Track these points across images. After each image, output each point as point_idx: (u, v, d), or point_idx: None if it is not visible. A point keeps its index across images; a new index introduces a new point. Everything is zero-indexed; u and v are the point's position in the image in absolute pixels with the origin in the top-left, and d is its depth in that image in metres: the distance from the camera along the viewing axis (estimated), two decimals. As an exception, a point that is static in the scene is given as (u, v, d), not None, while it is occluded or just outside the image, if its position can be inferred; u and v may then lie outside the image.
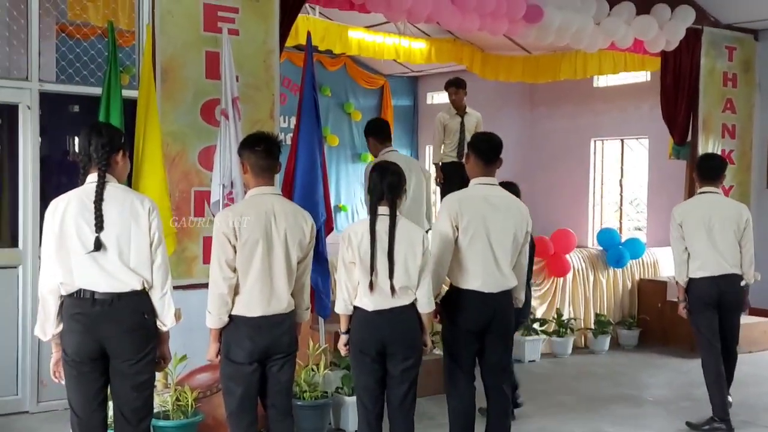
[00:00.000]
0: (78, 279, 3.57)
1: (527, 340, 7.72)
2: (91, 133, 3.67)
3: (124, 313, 3.59)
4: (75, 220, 3.56)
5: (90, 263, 3.56)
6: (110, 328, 3.57)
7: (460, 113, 8.34)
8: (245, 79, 6.17)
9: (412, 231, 4.22)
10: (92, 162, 3.64)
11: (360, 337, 4.18)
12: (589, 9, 8.13)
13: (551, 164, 12.10)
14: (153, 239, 3.66)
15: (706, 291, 5.64)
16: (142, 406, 3.72)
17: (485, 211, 4.49)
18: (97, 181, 3.60)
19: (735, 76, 9.66)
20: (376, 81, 13.77)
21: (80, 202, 3.59)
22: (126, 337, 3.59)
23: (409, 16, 7.29)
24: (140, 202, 3.67)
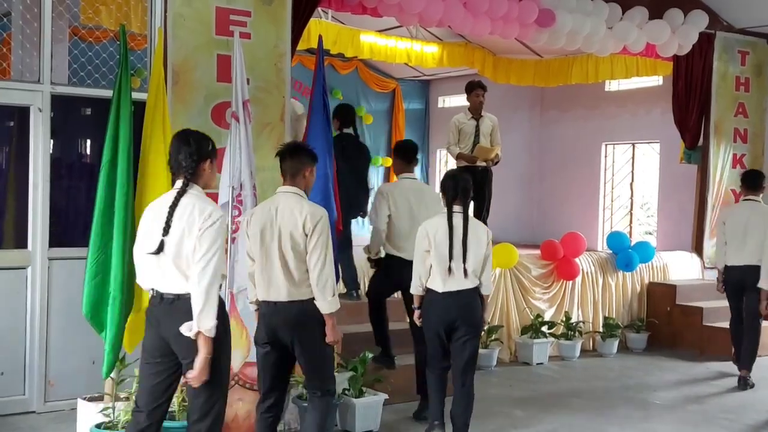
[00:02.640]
0: (146, 279, 3.83)
1: (535, 342, 7.73)
2: (180, 142, 3.84)
3: (180, 313, 3.66)
4: (150, 223, 3.80)
5: (154, 264, 3.75)
6: (170, 327, 3.70)
7: (476, 116, 8.31)
8: (256, 82, 6.22)
9: (479, 226, 5.20)
10: (180, 169, 3.81)
11: (433, 313, 5.06)
12: (601, 13, 8.15)
13: (562, 168, 12.08)
14: (196, 245, 3.66)
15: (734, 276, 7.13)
16: (195, 408, 3.77)
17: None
18: (179, 188, 3.78)
19: (747, 80, 9.65)
20: (387, 84, 13.79)
21: (159, 206, 3.81)
22: (181, 337, 3.65)
23: (421, 19, 7.35)
24: (200, 210, 3.72)
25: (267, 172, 6.23)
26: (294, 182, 4.41)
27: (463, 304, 5.02)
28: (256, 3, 6.22)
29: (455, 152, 8.29)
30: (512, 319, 7.94)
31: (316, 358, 4.42)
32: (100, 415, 4.71)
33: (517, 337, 7.89)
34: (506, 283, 7.93)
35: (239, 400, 5.06)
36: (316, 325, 4.35)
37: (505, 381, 7.16)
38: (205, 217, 3.70)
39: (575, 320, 8.22)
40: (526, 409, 6.26)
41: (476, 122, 8.28)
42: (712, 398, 6.80)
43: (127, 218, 4.79)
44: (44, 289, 5.82)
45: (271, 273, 4.32)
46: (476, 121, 8.28)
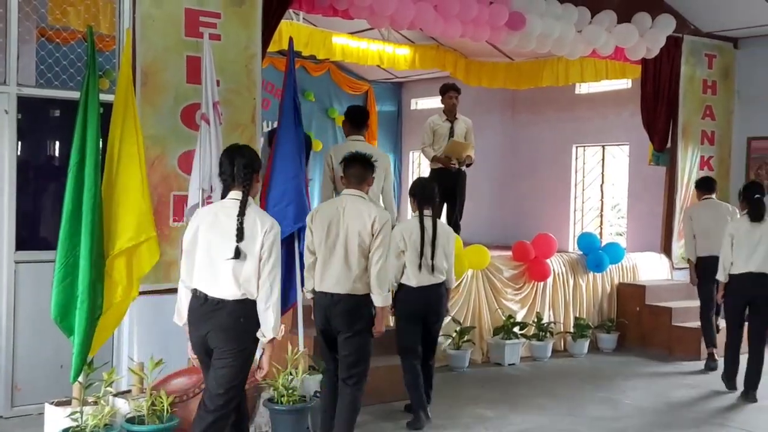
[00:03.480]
0: (195, 281, 4.09)
1: (507, 343, 7.77)
2: (235, 155, 4.12)
3: (223, 315, 4.00)
4: (206, 230, 4.06)
5: (208, 269, 4.03)
6: (210, 326, 4.03)
7: (451, 118, 8.38)
8: (227, 83, 6.20)
9: (445, 227, 6.10)
10: (235, 181, 4.08)
11: (410, 305, 5.75)
12: (570, 16, 8.22)
13: (533, 170, 12.18)
14: (262, 256, 4.00)
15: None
16: (217, 395, 4.08)
17: None
18: (242, 198, 4.04)
19: (714, 83, 9.78)
20: (360, 86, 13.81)
21: (215, 215, 4.08)
22: (220, 334, 4.02)
23: (392, 22, 7.36)
24: (261, 222, 4.04)
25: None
26: (359, 187, 5.00)
27: (434, 297, 5.81)
28: (227, 4, 6.20)
29: (430, 154, 8.35)
30: (484, 320, 7.97)
31: (362, 348, 4.92)
32: (68, 419, 4.66)
33: (489, 338, 7.92)
34: (478, 284, 7.96)
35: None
36: (366, 317, 4.91)
37: (477, 382, 7.19)
38: (267, 230, 4.03)
39: (546, 321, 8.27)
40: (497, 410, 6.28)
41: (451, 124, 8.35)
42: (681, 397, 6.88)
43: (95, 221, 4.73)
44: (11, 292, 5.73)
45: (331, 266, 4.86)
46: (451, 123, 8.35)
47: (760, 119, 9.73)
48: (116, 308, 4.97)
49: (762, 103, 9.72)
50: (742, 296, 6.86)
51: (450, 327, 7.58)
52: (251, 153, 4.20)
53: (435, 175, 8.39)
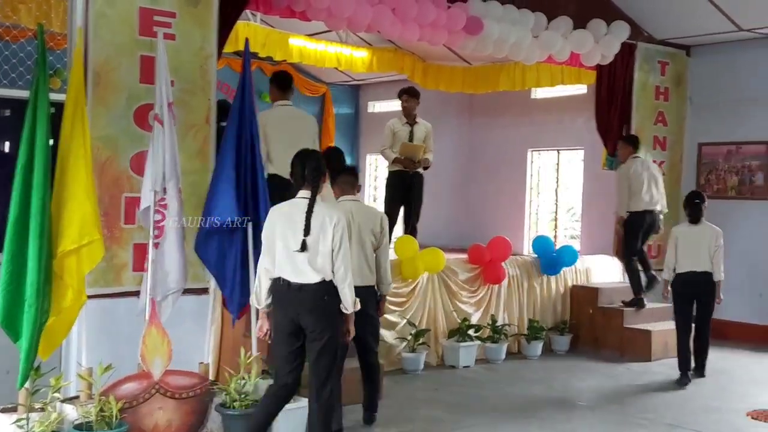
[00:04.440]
0: (278, 270, 4.66)
1: (462, 346, 7.80)
2: (306, 159, 4.76)
3: (307, 297, 4.61)
4: (283, 225, 4.67)
5: (288, 260, 4.63)
6: (298, 308, 4.64)
7: (410, 122, 8.40)
8: (181, 84, 6.12)
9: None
10: (306, 182, 4.69)
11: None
12: (527, 22, 8.30)
13: (489, 173, 12.26)
14: (335, 247, 4.64)
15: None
16: (323, 369, 4.70)
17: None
18: (310, 198, 4.66)
19: (667, 90, 9.97)
20: (317, 89, 13.77)
21: (290, 211, 4.69)
22: (309, 314, 4.63)
23: (350, 24, 7.36)
24: (329, 217, 4.67)
25: (192, 175, 6.17)
26: (353, 192, 5.68)
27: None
28: (182, 4, 6.13)
29: (390, 156, 8.37)
30: (439, 322, 8.00)
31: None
32: (14, 426, 4.56)
33: (444, 340, 7.95)
34: (434, 287, 7.99)
35: (160, 408, 4.96)
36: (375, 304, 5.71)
37: (431, 385, 7.20)
38: (335, 222, 4.66)
39: (501, 323, 8.33)
40: (451, 413, 6.31)
41: (410, 127, 8.37)
42: (632, 398, 6.98)
43: (43, 223, 4.63)
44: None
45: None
46: (410, 126, 8.37)
47: (711, 126, 9.95)
48: (67, 312, 4.87)
49: (713, 110, 9.93)
50: (687, 294, 7.48)
51: (405, 330, 7.59)
52: (319, 158, 4.84)
53: (393, 177, 8.43)
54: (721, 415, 6.39)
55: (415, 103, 8.37)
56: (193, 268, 5.96)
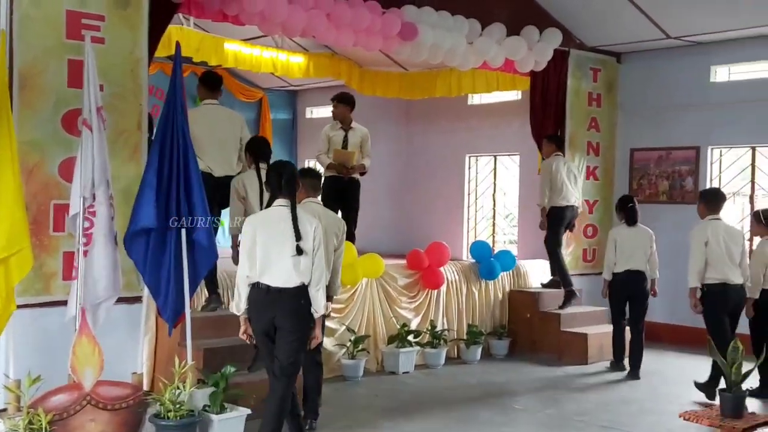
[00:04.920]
0: (259, 275, 4.81)
1: (401, 351, 7.79)
2: (281, 170, 4.95)
3: (286, 300, 4.82)
4: (264, 233, 4.83)
5: (271, 265, 4.80)
6: (276, 310, 4.84)
7: (345, 127, 8.36)
8: (112, 88, 6.02)
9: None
10: (282, 191, 4.88)
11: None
12: (461, 28, 8.36)
13: (427, 179, 12.31)
14: (315, 251, 4.87)
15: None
16: (288, 364, 4.91)
17: None
18: (291, 206, 4.86)
19: (599, 96, 10.16)
20: (254, 94, 13.63)
21: (268, 219, 4.88)
22: (286, 315, 4.84)
23: (284, 29, 7.29)
24: (309, 223, 4.90)
25: (123, 180, 6.07)
26: (315, 195, 5.75)
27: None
28: (111, 7, 6.02)
29: (325, 162, 8.32)
30: (378, 328, 7.98)
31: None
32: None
33: (383, 346, 7.93)
34: (372, 292, 7.96)
35: (91, 420, 4.81)
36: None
37: (371, 391, 7.17)
38: (315, 227, 4.92)
39: (440, 328, 8.35)
40: (391, 419, 6.29)
41: (345, 133, 8.33)
42: (568, 400, 7.07)
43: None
44: None
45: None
46: (345, 132, 8.33)
47: (642, 131, 10.17)
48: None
49: (643, 116, 10.16)
50: (624, 291, 7.95)
51: (344, 336, 7.55)
52: (293, 168, 5.08)
53: (329, 182, 8.37)
54: (656, 417, 6.51)
55: (345, 109, 8.32)
56: (126, 276, 5.85)
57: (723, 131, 9.54)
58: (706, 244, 6.79)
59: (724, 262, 6.78)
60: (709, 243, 6.78)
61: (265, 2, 6.81)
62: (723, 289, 6.78)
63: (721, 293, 6.78)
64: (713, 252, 6.78)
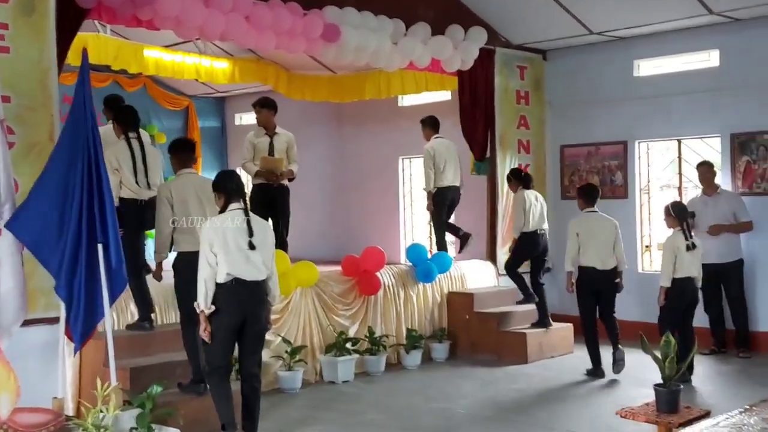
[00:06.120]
0: (231, 271, 5.23)
1: (339, 360, 7.59)
2: (235, 177, 5.55)
3: (259, 292, 5.37)
4: (228, 234, 5.28)
5: (242, 261, 5.27)
6: (250, 303, 5.35)
7: (269, 133, 8.16)
8: (20, 99, 5.77)
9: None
10: (237, 195, 5.40)
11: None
12: (385, 29, 8.25)
13: (361, 182, 12.17)
14: (270, 247, 5.50)
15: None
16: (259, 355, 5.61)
17: None
18: (245, 208, 5.42)
19: (527, 93, 10.15)
20: (180, 102, 13.30)
21: (228, 222, 5.32)
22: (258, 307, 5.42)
23: (202, 33, 7.06)
24: (263, 222, 5.59)
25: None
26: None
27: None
28: (15, 14, 5.74)
29: (252, 169, 8.13)
30: (316, 338, 7.78)
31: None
32: None
33: (321, 356, 7.73)
34: (307, 301, 7.76)
35: (8, 452, 4.50)
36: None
37: (309, 402, 6.97)
38: (268, 228, 5.63)
39: (379, 334, 8.19)
40: (330, 430, 6.10)
41: (270, 139, 8.13)
42: (508, 402, 6.99)
43: None
44: None
45: None
46: (270, 137, 8.13)
47: (570, 128, 10.22)
48: None
49: (571, 112, 10.21)
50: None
51: (280, 347, 7.32)
52: (239, 176, 5.64)
53: (257, 190, 8.17)
54: (595, 414, 6.47)
55: (269, 114, 8.14)
56: (45, 297, 5.58)
57: (649, 125, 9.64)
58: (577, 235, 7.66)
59: (595, 248, 7.59)
60: (580, 233, 7.65)
61: (180, 6, 6.57)
62: (591, 272, 7.59)
63: (590, 276, 7.60)
64: (585, 240, 7.63)
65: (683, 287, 7.24)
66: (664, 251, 7.39)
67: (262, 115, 8.17)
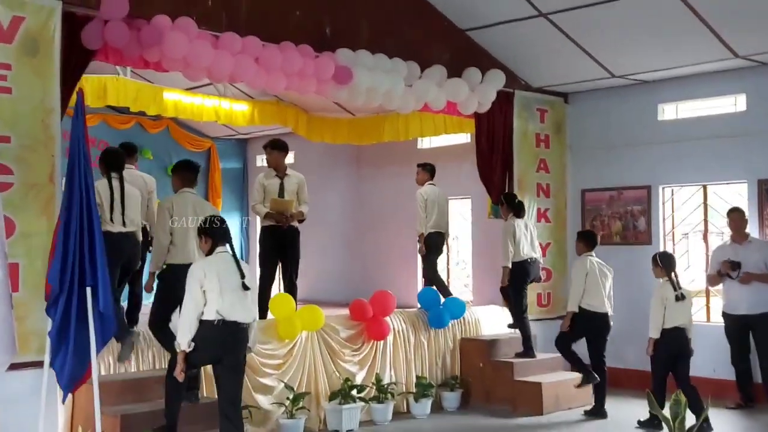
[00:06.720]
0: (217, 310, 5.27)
1: (344, 408, 7.36)
2: (222, 222, 5.59)
3: (246, 333, 5.44)
4: (218, 275, 5.31)
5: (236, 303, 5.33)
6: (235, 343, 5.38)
7: (280, 174, 8.09)
8: (20, 140, 5.78)
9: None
10: (221, 239, 5.48)
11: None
12: (400, 71, 8.16)
13: (380, 225, 12.02)
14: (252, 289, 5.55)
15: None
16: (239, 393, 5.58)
17: None
18: (232, 252, 5.49)
19: (547, 137, 9.96)
20: (202, 143, 13.35)
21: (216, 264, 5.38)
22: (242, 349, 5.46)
23: (210, 75, 7.03)
24: (246, 267, 5.53)
25: (36, 237, 5.77)
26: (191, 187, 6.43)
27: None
28: (19, 55, 5.77)
29: (262, 211, 8.04)
30: (320, 384, 7.57)
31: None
32: None
33: (325, 403, 7.51)
34: (313, 346, 7.57)
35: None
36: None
37: (311, 452, 6.76)
38: (251, 272, 5.61)
39: (387, 382, 7.95)
40: (327, 483, 5.89)
41: (280, 180, 8.05)
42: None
43: None
44: None
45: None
46: (281, 179, 8.05)
47: (592, 171, 10.00)
48: None
49: (593, 156, 10.00)
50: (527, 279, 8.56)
51: (283, 394, 7.14)
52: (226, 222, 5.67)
53: (266, 232, 8.07)
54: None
55: (279, 156, 8.08)
56: (38, 341, 5.49)
57: (673, 169, 9.39)
58: (586, 276, 7.88)
59: (597, 291, 7.88)
60: (588, 274, 7.89)
61: (187, 47, 6.55)
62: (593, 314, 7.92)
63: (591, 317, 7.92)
64: (590, 282, 7.89)
65: (673, 337, 7.17)
66: (653, 302, 7.32)
67: (272, 156, 8.11)
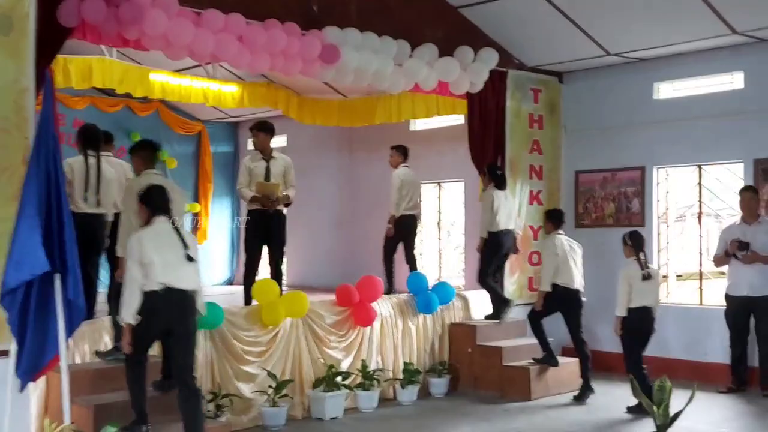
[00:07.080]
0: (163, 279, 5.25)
1: (328, 395, 7.24)
2: (163, 192, 5.52)
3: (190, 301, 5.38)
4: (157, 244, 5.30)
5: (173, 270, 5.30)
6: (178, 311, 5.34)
7: (266, 157, 7.92)
8: None
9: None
10: (160, 210, 5.42)
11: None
12: (389, 50, 7.95)
13: (373, 208, 11.81)
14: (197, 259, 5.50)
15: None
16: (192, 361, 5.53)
17: None
18: (171, 222, 5.46)
19: (541, 117, 9.77)
20: (192, 127, 13.16)
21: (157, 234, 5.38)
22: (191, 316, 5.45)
23: (191, 53, 6.83)
24: (190, 236, 5.61)
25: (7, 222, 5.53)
26: (152, 167, 6.25)
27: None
28: (-10, 32, 5.53)
29: (248, 195, 7.88)
30: (305, 371, 7.43)
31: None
32: None
33: (309, 390, 7.38)
34: (298, 332, 7.43)
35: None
36: None
37: (294, 440, 6.64)
38: (194, 240, 5.63)
39: (374, 368, 7.82)
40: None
41: (266, 163, 7.88)
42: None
43: None
44: None
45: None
46: (266, 162, 7.89)
47: (586, 153, 9.82)
48: None
49: (587, 137, 9.82)
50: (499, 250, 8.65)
51: (265, 382, 7.00)
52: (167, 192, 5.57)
53: (252, 217, 7.91)
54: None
55: (265, 138, 7.91)
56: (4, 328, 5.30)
57: (668, 150, 9.21)
58: (556, 255, 7.91)
59: (568, 268, 7.94)
60: (559, 253, 7.92)
61: (167, 25, 6.36)
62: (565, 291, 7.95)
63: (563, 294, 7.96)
64: (561, 260, 7.93)
65: (639, 316, 7.18)
66: (620, 281, 7.31)
67: (258, 138, 7.95)
